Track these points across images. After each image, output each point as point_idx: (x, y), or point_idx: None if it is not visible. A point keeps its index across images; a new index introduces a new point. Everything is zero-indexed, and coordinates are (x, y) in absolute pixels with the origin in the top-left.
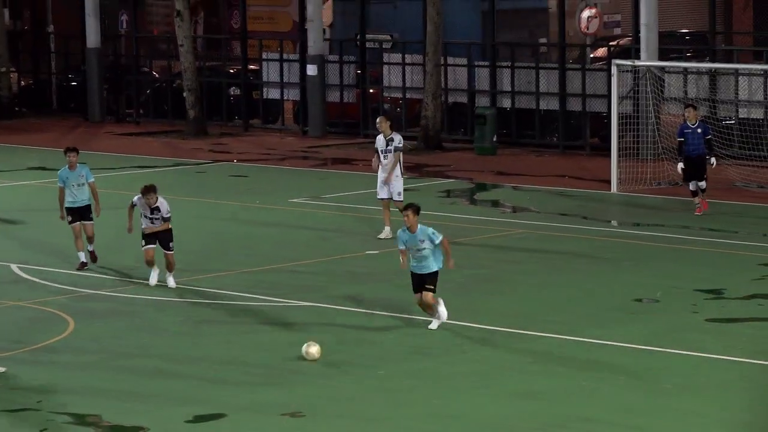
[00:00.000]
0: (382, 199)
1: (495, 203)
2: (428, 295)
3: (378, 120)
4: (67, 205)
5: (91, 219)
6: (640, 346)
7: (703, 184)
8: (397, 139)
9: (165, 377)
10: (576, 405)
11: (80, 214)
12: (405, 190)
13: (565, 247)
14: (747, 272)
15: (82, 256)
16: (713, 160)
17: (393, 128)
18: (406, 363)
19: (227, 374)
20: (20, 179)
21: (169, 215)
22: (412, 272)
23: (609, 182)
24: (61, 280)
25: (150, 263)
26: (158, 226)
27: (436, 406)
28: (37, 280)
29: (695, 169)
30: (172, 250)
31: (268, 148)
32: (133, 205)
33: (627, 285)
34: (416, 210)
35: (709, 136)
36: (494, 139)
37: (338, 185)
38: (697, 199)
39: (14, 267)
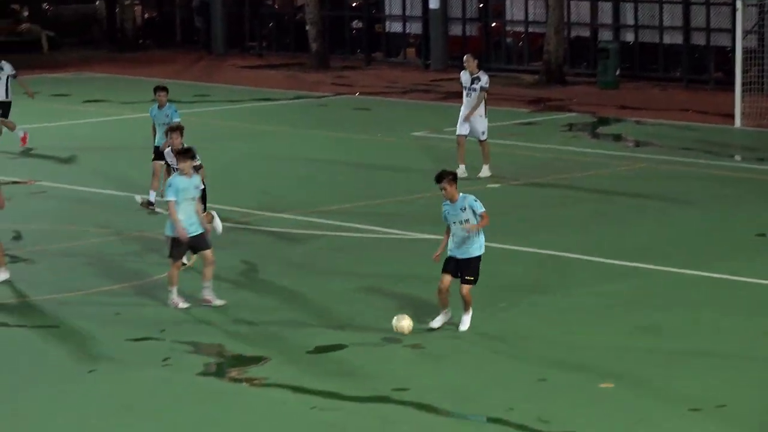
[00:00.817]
0: (459, 135)
1: (617, 137)
2: (466, 288)
3: (465, 57)
4: (155, 143)
5: None
6: (763, 281)
7: None
8: (484, 79)
9: (287, 310)
10: (698, 340)
11: (159, 155)
12: (527, 123)
13: (686, 182)
14: None
15: (152, 196)
16: None
17: (480, 67)
18: (526, 296)
19: (350, 307)
20: (144, 111)
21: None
22: (449, 256)
23: (733, 117)
24: None
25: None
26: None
27: (555, 339)
28: (158, 208)
29: None
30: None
31: (390, 81)
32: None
33: (750, 220)
34: (451, 178)
35: None
36: (617, 73)
37: None
38: None
39: (137, 197)
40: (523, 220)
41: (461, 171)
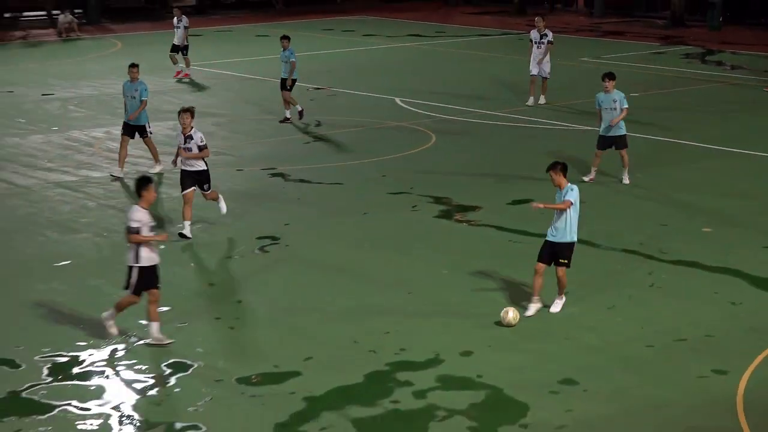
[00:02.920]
0: (533, 75)
1: (719, 63)
2: (561, 270)
3: (536, 19)
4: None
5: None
6: None
7: None
8: (550, 35)
9: (498, 170)
10: None
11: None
12: (658, 53)
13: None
14: None
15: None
16: None
17: (547, 26)
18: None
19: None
20: (400, 42)
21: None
22: (545, 240)
23: None
24: (429, 108)
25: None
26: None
27: None
28: (410, 107)
29: None
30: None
31: (565, 23)
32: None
33: None
34: (560, 169)
35: None
36: (720, 19)
37: (615, 49)
38: None
39: (397, 100)
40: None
41: (531, 101)
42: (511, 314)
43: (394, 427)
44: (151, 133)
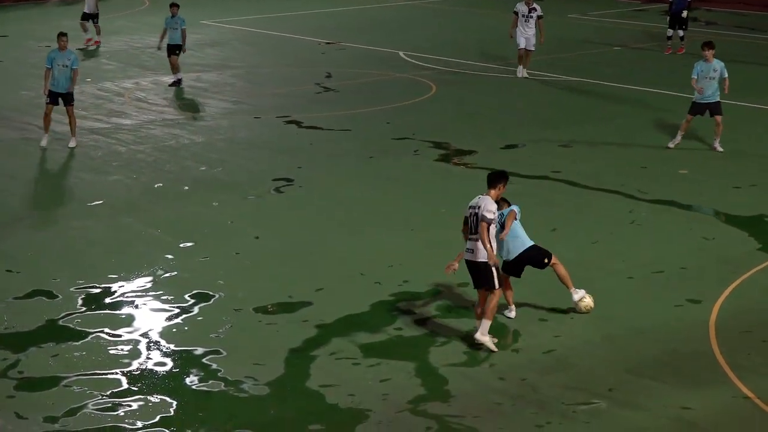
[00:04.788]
0: (520, 48)
1: (694, 19)
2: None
3: None
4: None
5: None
6: None
7: None
8: (539, 9)
9: (487, 121)
10: None
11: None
12: (638, 10)
13: (737, 47)
14: None
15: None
16: None
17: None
18: None
19: (534, 116)
20: (404, 0)
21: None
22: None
23: None
24: (430, 61)
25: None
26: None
27: None
28: (413, 60)
29: None
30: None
31: None
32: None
33: None
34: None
35: None
36: None
37: (600, 6)
38: None
39: (401, 53)
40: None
41: (521, 72)
42: (586, 301)
43: (398, 352)
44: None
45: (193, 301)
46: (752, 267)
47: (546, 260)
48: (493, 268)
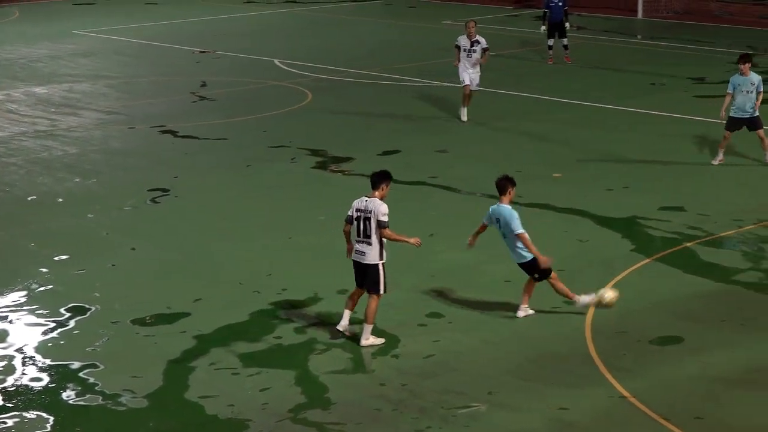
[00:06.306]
0: (465, 85)
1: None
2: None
3: (470, 24)
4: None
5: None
6: (655, 112)
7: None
8: (483, 42)
9: (370, 124)
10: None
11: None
12: (510, 15)
13: (603, 50)
14: (720, 66)
15: None
16: None
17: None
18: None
19: (411, 122)
20: (278, 8)
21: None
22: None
23: (636, 11)
24: (305, 69)
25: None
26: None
27: None
28: (287, 68)
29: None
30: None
31: None
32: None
33: (645, 74)
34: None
35: None
36: None
37: (474, 13)
38: None
39: (276, 61)
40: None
41: (464, 115)
42: (609, 295)
43: (278, 361)
44: None
45: (69, 314)
46: (627, 268)
47: (536, 275)
48: (382, 272)
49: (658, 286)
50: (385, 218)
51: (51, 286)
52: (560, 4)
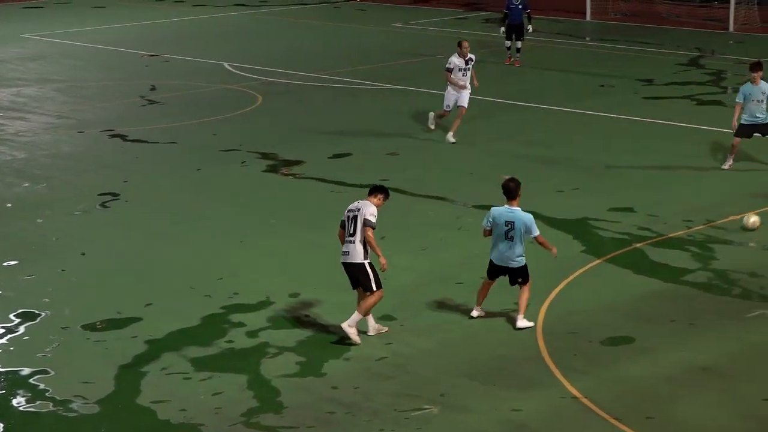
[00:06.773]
0: (460, 105)
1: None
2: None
3: (464, 44)
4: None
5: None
6: (604, 114)
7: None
8: (475, 58)
9: (321, 128)
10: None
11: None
12: (459, 18)
13: (555, 52)
14: (668, 68)
15: None
16: None
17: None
18: None
19: (362, 125)
20: (227, 11)
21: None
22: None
23: (584, 13)
24: (255, 72)
25: None
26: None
27: None
28: (237, 72)
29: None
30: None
31: None
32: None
33: (595, 75)
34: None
35: None
36: None
37: (423, 15)
38: None
39: (226, 65)
40: None
41: (451, 137)
42: (752, 219)
43: (230, 365)
44: None
45: (18, 320)
46: (577, 269)
47: (520, 280)
48: (370, 271)
49: (608, 286)
50: (372, 218)
51: (0, 292)
52: (520, 6)
